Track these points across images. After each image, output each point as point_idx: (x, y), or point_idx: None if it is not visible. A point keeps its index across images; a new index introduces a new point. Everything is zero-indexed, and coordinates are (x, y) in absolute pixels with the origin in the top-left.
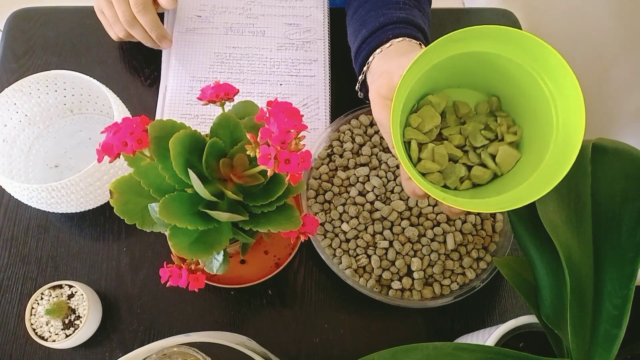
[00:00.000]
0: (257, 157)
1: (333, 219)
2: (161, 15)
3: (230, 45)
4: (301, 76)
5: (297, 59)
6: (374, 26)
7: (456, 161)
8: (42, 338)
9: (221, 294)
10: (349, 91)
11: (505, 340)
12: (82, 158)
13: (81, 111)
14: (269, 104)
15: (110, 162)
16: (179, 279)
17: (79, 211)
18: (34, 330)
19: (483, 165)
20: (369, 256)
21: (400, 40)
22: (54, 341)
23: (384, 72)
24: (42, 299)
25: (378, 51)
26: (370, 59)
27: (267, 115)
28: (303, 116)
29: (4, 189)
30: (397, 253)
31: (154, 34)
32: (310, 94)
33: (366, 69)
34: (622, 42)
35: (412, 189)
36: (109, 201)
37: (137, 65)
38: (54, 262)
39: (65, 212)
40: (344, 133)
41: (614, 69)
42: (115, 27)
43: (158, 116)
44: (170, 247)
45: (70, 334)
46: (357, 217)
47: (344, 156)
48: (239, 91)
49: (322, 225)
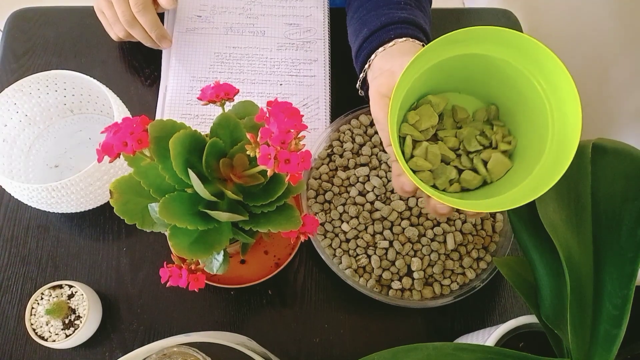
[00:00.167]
0: (257, 157)
1: (333, 219)
2: (161, 15)
3: (231, 45)
4: (301, 76)
5: (297, 59)
6: (376, 25)
7: (448, 163)
8: (42, 338)
9: (221, 294)
10: (349, 91)
11: (505, 340)
12: (82, 158)
13: (81, 111)
14: (269, 104)
15: (110, 162)
16: (179, 279)
17: (79, 211)
18: (34, 330)
19: (474, 170)
20: (369, 256)
21: (404, 41)
22: (54, 341)
23: (386, 71)
24: (42, 299)
25: (381, 49)
26: (373, 57)
27: (267, 115)
28: (303, 116)
29: (4, 189)
30: (397, 253)
31: (153, 34)
32: (310, 94)
33: (367, 67)
34: (622, 42)
35: (400, 184)
36: (109, 201)
37: (137, 65)
38: (54, 262)
39: (65, 212)
40: (344, 133)
41: (614, 69)
42: (115, 27)
43: (158, 116)
44: (170, 247)
45: (70, 334)
46: (357, 217)
47: (344, 156)
48: (239, 91)
49: (322, 225)
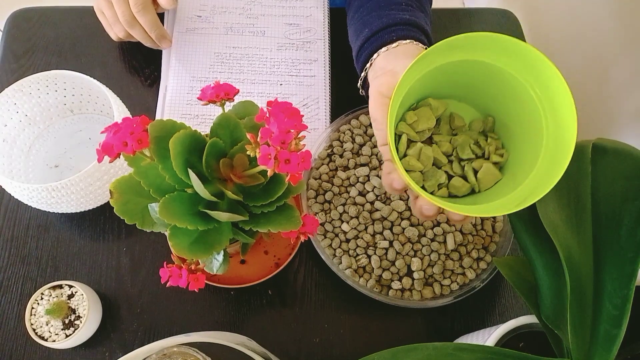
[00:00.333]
0: (257, 157)
1: (333, 219)
2: (161, 15)
3: (230, 45)
4: (301, 76)
5: (297, 59)
6: (377, 26)
7: (439, 167)
8: (42, 338)
9: (221, 294)
10: (349, 91)
11: (505, 340)
12: (82, 158)
13: (81, 111)
14: (269, 104)
15: (110, 162)
16: (179, 279)
17: (79, 211)
18: (34, 330)
19: (464, 177)
20: (369, 256)
21: (407, 43)
22: (54, 341)
23: (388, 71)
24: (42, 299)
25: (384, 49)
26: (375, 56)
27: (267, 115)
28: (303, 116)
29: (4, 189)
30: (397, 253)
31: (153, 34)
32: (310, 94)
33: (369, 66)
34: (622, 42)
35: (390, 181)
36: (109, 201)
37: (137, 65)
38: (54, 262)
39: (65, 212)
40: (344, 133)
41: (614, 69)
42: (115, 27)
43: (158, 116)
44: (170, 247)
45: (70, 334)
46: (357, 217)
47: (344, 156)
48: (239, 91)
49: (322, 225)
